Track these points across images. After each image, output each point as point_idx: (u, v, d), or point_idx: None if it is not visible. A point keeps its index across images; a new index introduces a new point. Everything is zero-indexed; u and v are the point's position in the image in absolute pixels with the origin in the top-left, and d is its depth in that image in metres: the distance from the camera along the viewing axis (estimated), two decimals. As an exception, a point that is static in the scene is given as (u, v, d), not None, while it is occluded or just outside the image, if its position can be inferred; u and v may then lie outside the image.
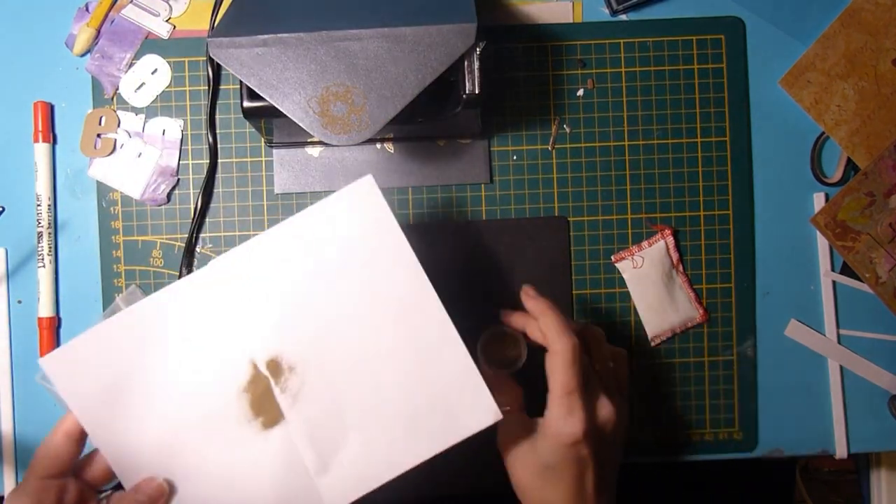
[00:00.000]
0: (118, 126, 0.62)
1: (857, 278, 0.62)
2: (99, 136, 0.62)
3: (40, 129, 0.61)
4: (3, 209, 0.62)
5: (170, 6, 0.62)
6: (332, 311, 0.45)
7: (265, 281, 0.45)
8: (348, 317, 0.45)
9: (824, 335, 0.63)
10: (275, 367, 0.45)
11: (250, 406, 0.45)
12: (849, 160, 0.62)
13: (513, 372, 0.57)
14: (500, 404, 0.45)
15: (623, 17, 0.63)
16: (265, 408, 0.45)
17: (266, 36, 0.46)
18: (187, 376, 0.45)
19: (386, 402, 0.45)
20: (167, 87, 0.62)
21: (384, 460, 0.45)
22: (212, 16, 0.62)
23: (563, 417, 0.46)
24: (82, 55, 0.62)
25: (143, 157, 0.62)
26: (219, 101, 0.62)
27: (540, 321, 0.48)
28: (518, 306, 0.52)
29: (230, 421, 0.45)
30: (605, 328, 0.62)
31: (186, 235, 0.61)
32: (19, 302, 0.62)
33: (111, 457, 0.44)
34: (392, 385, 0.45)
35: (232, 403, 0.45)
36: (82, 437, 0.44)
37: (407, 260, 0.45)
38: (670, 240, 0.61)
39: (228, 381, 0.45)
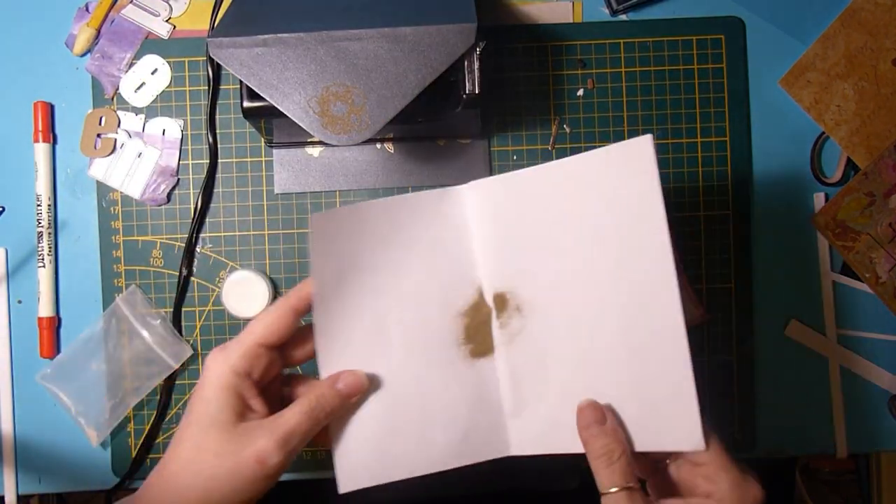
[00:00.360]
0: (118, 126, 0.62)
1: (857, 278, 0.62)
2: (99, 136, 0.62)
3: (40, 129, 0.61)
4: (3, 209, 0.62)
5: (170, 6, 0.62)
6: (573, 267, 0.43)
7: (519, 215, 0.44)
8: (585, 280, 0.43)
9: (824, 335, 0.63)
10: (501, 301, 0.44)
11: (464, 330, 0.45)
12: (849, 160, 0.62)
13: None
14: (612, 483, 0.40)
15: (623, 17, 0.63)
16: (478, 337, 0.45)
17: (266, 36, 0.46)
18: (415, 282, 0.44)
19: (592, 376, 0.43)
20: (167, 87, 0.62)
21: (573, 431, 0.43)
22: (212, 16, 0.62)
23: (740, 482, 0.39)
24: (82, 55, 0.62)
25: (143, 157, 0.62)
26: (219, 101, 0.62)
27: None
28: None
29: (440, 339, 0.44)
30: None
31: (186, 235, 0.61)
32: (19, 302, 0.62)
33: (321, 338, 0.43)
34: (604, 361, 0.42)
35: (447, 322, 0.44)
36: (302, 314, 0.43)
37: (659, 241, 0.40)
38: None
39: (451, 300, 0.44)
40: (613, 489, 0.39)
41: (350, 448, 0.43)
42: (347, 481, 0.43)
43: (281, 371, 0.45)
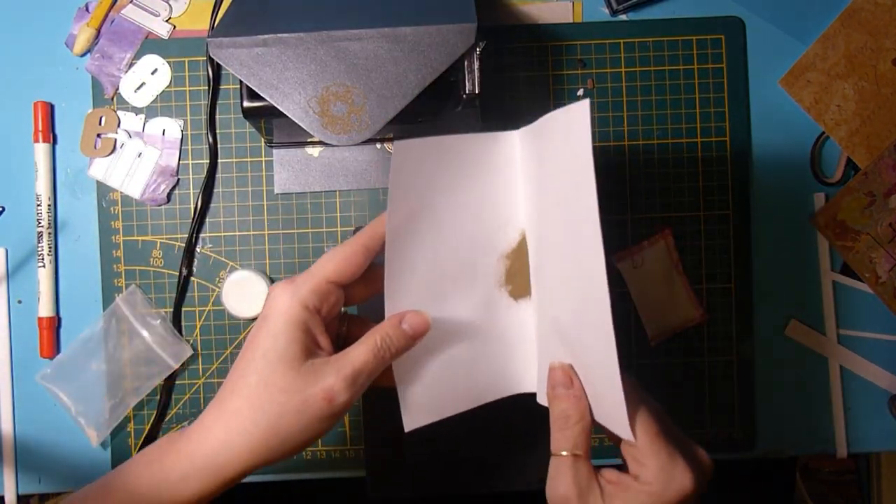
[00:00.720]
0: (118, 126, 0.62)
1: (857, 278, 0.62)
2: (99, 136, 0.62)
3: (40, 129, 0.61)
4: (3, 209, 0.62)
5: (170, 6, 0.62)
6: (558, 230, 0.42)
7: (538, 167, 0.43)
8: (561, 246, 0.42)
9: (824, 335, 0.63)
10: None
11: (506, 272, 0.45)
12: (849, 160, 0.62)
13: None
14: (561, 447, 0.40)
15: (623, 17, 0.63)
16: (518, 279, 0.45)
17: (266, 36, 0.46)
18: (472, 221, 0.44)
19: (573, 340, 0.42)
20: (167, 87, 0.62)
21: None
22: (212, 16, 0.62)
23: (667, 468, 0.38)
24: (82, 55, 0.62)
25: (143, 157, 0.62)
26: (219, 101, 0.62)
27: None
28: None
29: (486, 279, 0.45)
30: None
31: (186, 235, 0.61)
32: (19, 302, 0.62)
33: (390, 276, 0.42)
34: (576, 333, 0.42)
35: (493, 263, 0.45)
36: (374, 253, 0.42)
37: (587, 208, 0.37)
38: (670, 240, 0.61)
39: (497, 241, 0.45)
40: (563, 453, 0.40)
41: (413, 388, 0.43)
42: (412, 421, 0.43)
43: (341, 309, 0.44)
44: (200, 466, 0.38)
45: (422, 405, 0.44)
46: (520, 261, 0.46)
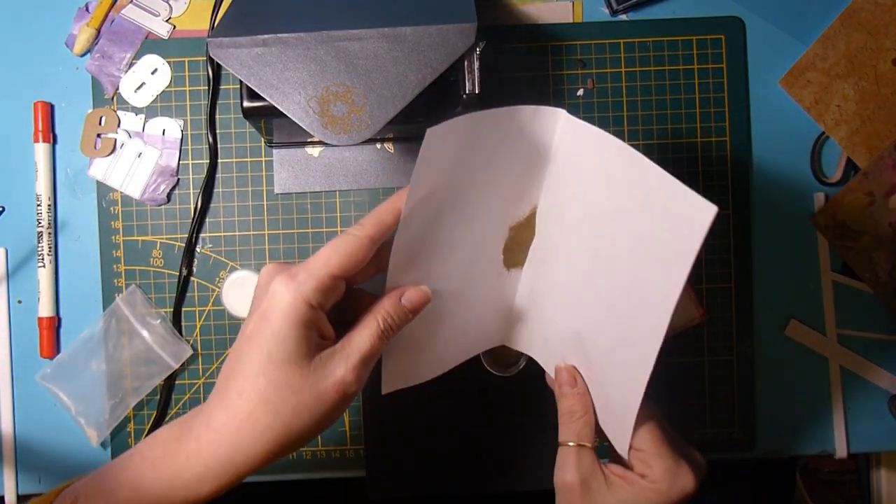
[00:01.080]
0: (118, 126, 0.62)
1: (857, 278, 0.62)
2: (99, 136, 0.62)
3: (40, 129, 0.61)
4: (3, 209, 0.62)
5: (170, 6, 0.62)
6: (596, 246, 0.42)
7: (585, 171, 0.42)
8: (599, 266, 0.42)
9: (824, 335, 0.63)
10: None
11: (506, 242, 0.46)
12: (849, 160, 0.62)
13: (513, 374, 0.57)
14: (567, 438, 0.44)
15: (623, 17, 0.63)
16: (516, 250, 0.46)
17: (266, 36, 0.46)
18: (492, 198, 0.44)
19: (584, 339, 0.44)
20: (167, 87, 0.62)
21: (551, 356, 0.47)
22: (212, 16, 0.62)
23: (672, 470, 0.42)
24: (82, 55, 0.62)
25: (143, 157, 0.62)
26: (219, 101, 0.62)
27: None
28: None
29: (486, 250, 0.46)
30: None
31: (186, 235, 0.61)
32: (19, 302, 0.62)
33: (396, 256, 0.41)
34: (593, 341, 0.44)
35: (500, 232, 0.46)
36: (379, 243, 0.41)
37: (676, 281, 0.37)
38: (670, 240, 0.61)
39: (509, 212, 0.45)
40: (569, 443, 0.44)
41: (398, 353, 0.44)
42: (390, 384, 0.45)
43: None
44: (216, 469, 0.38)
45: (403, 369, 0.45)
46: (523, 233, 0.46)
